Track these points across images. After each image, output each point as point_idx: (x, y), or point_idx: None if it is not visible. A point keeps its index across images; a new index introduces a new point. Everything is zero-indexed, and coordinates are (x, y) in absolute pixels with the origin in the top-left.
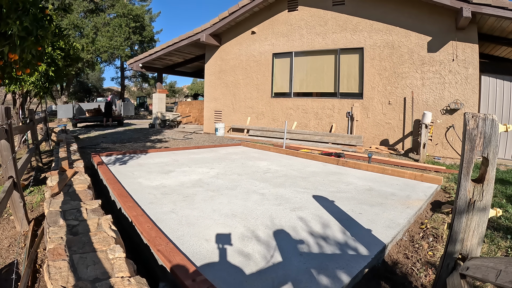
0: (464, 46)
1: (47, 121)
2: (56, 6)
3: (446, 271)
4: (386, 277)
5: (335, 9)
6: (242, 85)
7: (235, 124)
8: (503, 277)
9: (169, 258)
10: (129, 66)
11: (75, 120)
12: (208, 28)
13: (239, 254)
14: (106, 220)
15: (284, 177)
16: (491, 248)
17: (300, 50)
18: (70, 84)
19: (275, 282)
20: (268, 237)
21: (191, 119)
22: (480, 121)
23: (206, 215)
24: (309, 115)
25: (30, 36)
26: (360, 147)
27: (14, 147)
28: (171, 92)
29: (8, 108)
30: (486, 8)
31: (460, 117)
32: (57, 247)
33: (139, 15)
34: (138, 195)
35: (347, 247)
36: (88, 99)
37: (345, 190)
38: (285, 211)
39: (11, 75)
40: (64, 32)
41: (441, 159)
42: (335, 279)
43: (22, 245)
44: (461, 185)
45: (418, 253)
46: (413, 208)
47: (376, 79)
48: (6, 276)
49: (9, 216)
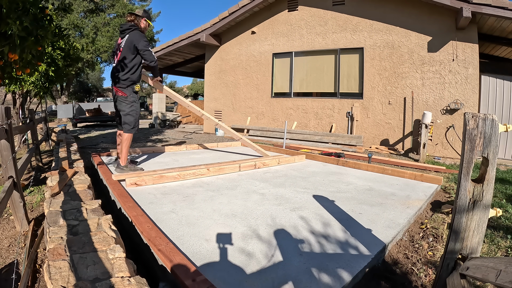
0: (464, 46)
1: (47, 121)
2: (56, 6)
3: (446, 271)
4: (386, 277)
5: (335, 9)
6: (242, 85)
7: (235, 124)
8: (503, 277)
9: (169, 258)
10: None
11: (75, 120)
12: (208, 28)
13: (240, 254)
14: (106, 220)
15: (284, 177)
16: (491, 248)
17: (300, 50)
18: (70, 84)
19: (275, 281)
20: (268, 236)
21: (191, 119)
22: (480, 121)
23: (206, 215)
24: (309, 115)
25: (30, 36)
26: (360, 147)
27: (14, 147)
28: None
29: (8, 108)
30: (486, 8)
31: (460, 117)
32: (57, 247)
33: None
34: (138, 195)
35: (347, 247)
36: (88, 99)
37: (345, 190)
38: (285, 211)
39: (11, 75)
40: (64, 32)
41: (441, 159)
42: (335, 279)
43: (22, 245)
44: (461, 185)
45: (418, 253)
46: (413, 208)
47: (376, 79)
48: (6, 276)
49: (9, 216)
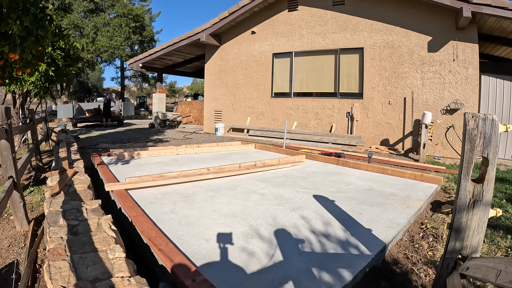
0: (464, 46)
1: (47, 121)
2: (56, 6)
3: (446, 271)
4: (386, 277)
5: (335, 9)
6: (242, 85)
7: (235, 124)
8: (503, 277)
9: (169, 258)
10: (129, 66)
11: (75, 120)
12: (208, 28)
13: (240, 254)
14: (106, 220)
15: (284, 177)
16: (491, 248)
17: (300, 50)
18: (70, 84)
19: (275, 281)
20: (268, 236)
21: (191, 119)
22: (480, 121)
23: (206, 215)
24: (309, 115)
25: (30, 36)
26: (360, 147)
27: (14, 147)
28: (171, 92)
29: (8, 108)
30: (486, 8)
31: (460, 117)
32: (57, 247)
33: (139, 15)
34: (138, 195)
35: (347, 247)
36: (88, 99)
37: (345, 190)
38: (285, 211)
39: (11, 75)
40: (64, 32)
41: (441, 159)
42: (335, 279)
43: (22, 245)
44: (461, 185)
45: (418, 253)
46: (413, 208)
47: (376, 79)
48: (6, 276)
49: (9, 216)
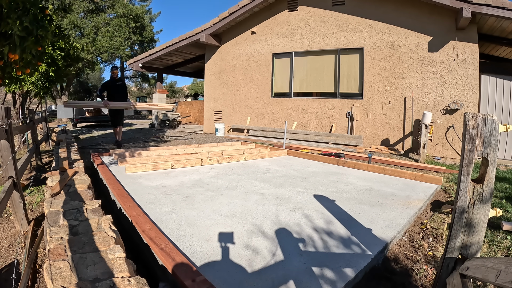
0: (464, 46)
1: (47, 121)
2: (56, 6)
3: (446, 271)
4: (386, 277)
5: (335, 9)
6: (242, 85)
7: (235, 124)
8: (503, 277)
9: (169, 258)
10: (129, 66)
11: (75, 120)
12: (208, 28)
13: (239, 254)
14: (106, 220)
15: (284, 177)
16: (491, 248)
17: (300, 50)
18: (70, 84)
19: (275, 281)
20: (268, 236)
21: (191, 119)
22: (480, 121)
23: (206, 215)
24: (309, 115)
25: (30, 36)
26: (360, 147)
27: (14, 147)
28: (171, 92)
29: (8, 108)
30: (486, 8)
31: (460, 117)
32: (57, 247)
33: (139, 15)
34: (138, 195)
35: (347, 247)
36: (88, 99)
37: (345, 190)
38: (285, 211)
39: (11, 75)
40: (64, 32)
41: (441, 159)
42: (335, 278)
43: (22, 245)
44: (461, 185)
45: (418, 253)
46: (413, 208)
47: (376, 79)
48: (6, 276)
49: (9, 216)
